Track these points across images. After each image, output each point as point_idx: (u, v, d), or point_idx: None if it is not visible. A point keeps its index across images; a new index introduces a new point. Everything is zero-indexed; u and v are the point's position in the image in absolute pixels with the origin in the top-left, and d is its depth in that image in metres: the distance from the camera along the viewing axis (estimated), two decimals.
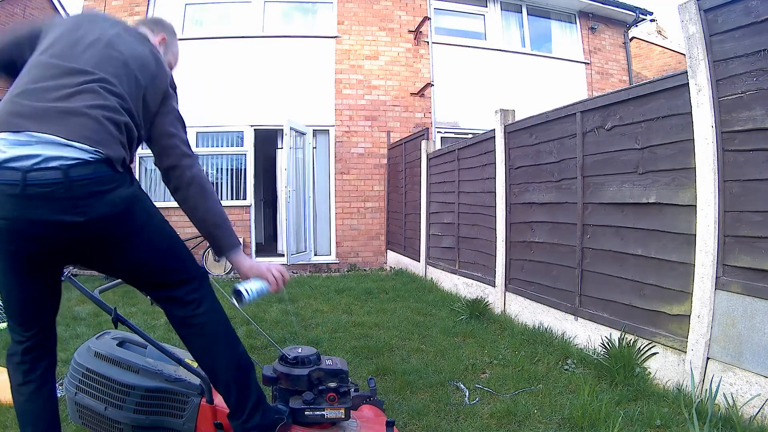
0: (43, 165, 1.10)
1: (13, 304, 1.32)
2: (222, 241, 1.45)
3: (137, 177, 7.24)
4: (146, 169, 7.39)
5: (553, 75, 8.44)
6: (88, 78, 1.22)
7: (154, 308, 3.78)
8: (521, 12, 8.58)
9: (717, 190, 2.21)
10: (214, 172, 7.54)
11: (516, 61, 8.34)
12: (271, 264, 1.51)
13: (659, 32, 11.80)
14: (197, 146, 7.29)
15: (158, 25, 1.68)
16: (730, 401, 2.05)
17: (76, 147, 1.13)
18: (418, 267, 6.30)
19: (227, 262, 1.61)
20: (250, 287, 1.42)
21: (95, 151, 1.15)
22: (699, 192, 2.28)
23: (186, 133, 1.47)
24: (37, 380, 1.34)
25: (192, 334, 1.39)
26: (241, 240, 7.37)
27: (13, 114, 1.14)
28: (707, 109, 2.24)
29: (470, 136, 5.92)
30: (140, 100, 1.33)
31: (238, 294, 1.39)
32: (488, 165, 4.42)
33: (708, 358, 2.22)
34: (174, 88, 1.48)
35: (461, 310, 4.05)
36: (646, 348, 2.59)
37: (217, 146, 7.52)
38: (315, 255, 7.59)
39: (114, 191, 1.20)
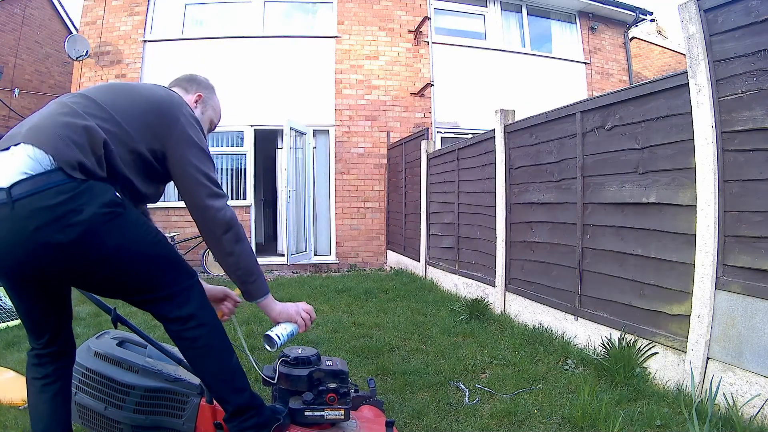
0: None
1: (20, 314, 1.37)
2: (253, 288, 1.45)
3: None
4: None
5: (553, 75, 8.44)
6: (73, 99, 1.27)
7: None
8: (521, 12, 8.58)
9: (717, 190, 2.21)
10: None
11: (516, 61, 8.35)
12: (299, 305, 1.55)
13: (659, 32, 11.80)
14: None
15: (192, 82, 1.64)
16: (730, 401, 2.05)
17: (18, 151, 1.13)
18: (418, 267, 6.30)
19: None
20: (280, 332, 1.47)
21: (42, 154, 1.12)
22: (699, 192, 2.28)
23: (215, 170, 1.42)
24: (51, 375, 1.37)
25: (184, 347, 1.37)
26: None
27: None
28: (707, 109, 2.24)
29: (470, 136, 5.91)
30: (134, 120, 1.31)
31: (269, 340, 1.45)
32: (488, 165, 4.42)
33: (708, 358, 2.22)
34: (195, 126, 1.41)
35: (461, 310, 4.04)
36: (646, 348, 2.59)
37: (217, 146, 7.52)
38: (315, 255, 7.59)
39: (67, 213, 1.11)
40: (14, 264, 1.16)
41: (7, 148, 1.14)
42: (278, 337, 1.45)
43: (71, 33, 9.51)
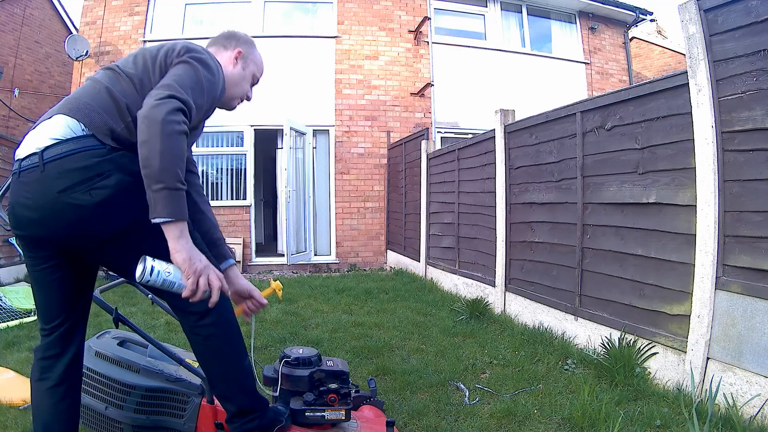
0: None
1: (35, 291, 1.33)
2: (156, 200, 1.09)
3: None
4: None
5: (553, 75, 8.44)
6: (101, 72, 1.34)
7: (154, 308, 3.78)
8: (521, 12, 8.58)
9: (717, 190, 2.21)
10: (214, 172, 7.57)
11: (516, 61, 8.35)
12: (208, 265, 1.19)
13: (659, 32, 11.80)
14: (197, 146, 7.29)
15: (230, 38, 1.54)
16: (730, 401, 2.05)
17: (52, 120, 1.20)
18: (418, 267, 6.30)
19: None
20: (160, 269, 1.12)
21: (74, 122, 1.18)
22: (699, 192, 2.28)
23: (188, 90, 1.19)
24: (54, 378, 1.32)
25: (197, 342, 1.35)
26: (240, 241, 7.33)
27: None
28: (707, 109, 2.24)
29: (470, 136, 5.91)
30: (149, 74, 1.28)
31: (142, 266, 1.11)
32: (488, 165, 4.42)
33: (708, 358, 2.22)
34: (186, 57, 1.28)
35: (461, 310, 4.04)
36: (646, 348, 2.59)
37: (217, 146, 7.52)
38: (315, 255, 7.59)
39: (95, 176, 1.13)
40: (41, 226, 1.18)
41: (50, 117, 1.22)
42: (151, 271, 1.10)
43: (71, 33, 9.51)
